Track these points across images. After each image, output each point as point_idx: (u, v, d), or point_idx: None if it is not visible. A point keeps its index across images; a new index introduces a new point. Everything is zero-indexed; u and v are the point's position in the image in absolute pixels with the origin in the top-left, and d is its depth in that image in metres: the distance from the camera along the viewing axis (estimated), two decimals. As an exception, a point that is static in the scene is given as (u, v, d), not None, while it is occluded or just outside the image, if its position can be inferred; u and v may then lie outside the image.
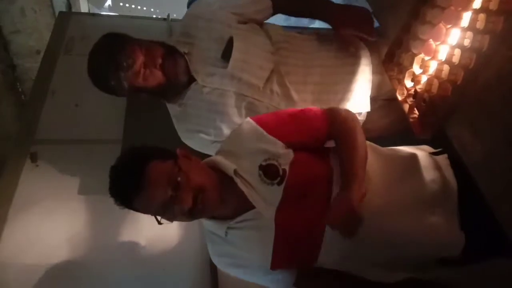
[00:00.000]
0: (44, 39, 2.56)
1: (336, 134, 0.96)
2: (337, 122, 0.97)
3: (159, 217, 0.89)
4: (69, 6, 2.94)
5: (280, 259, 0.93)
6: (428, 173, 0.96)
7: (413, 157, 1.00)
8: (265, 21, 1.29)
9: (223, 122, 1.19)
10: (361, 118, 1.27)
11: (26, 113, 1.92)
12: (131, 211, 0.90)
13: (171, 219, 0.89)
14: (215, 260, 1.03)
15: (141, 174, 0.84)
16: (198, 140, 1.24)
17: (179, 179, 0.85)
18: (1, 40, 2.83)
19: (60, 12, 2.36)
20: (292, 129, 0.97)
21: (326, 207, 0.89)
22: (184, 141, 1.28)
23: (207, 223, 0.98)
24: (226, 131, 1.20)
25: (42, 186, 1.57)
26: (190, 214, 0.88)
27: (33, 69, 2.69)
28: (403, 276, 0.95)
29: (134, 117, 1.76)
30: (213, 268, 1.41)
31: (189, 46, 1.20)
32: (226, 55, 1.15)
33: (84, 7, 3.14)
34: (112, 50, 1.10)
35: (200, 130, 1.22)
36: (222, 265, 1.04)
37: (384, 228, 0.90)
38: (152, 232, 1.45)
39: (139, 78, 1.11)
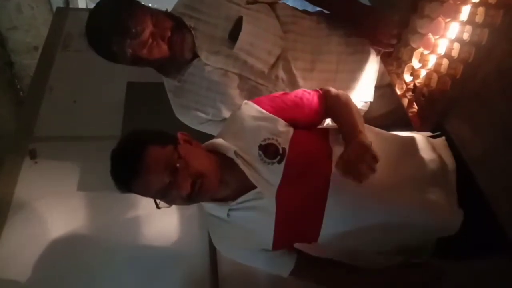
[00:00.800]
0: (41, 36, 2.54)
1: (330, 106, 0.99)
2: (331, 96, 1.00)
3: (158, 201, 0.89)
4: (66, 1, 2.91)
5: (281, 238, 0.94)
6: (427, 154, 0.97)
7: (412, 139, 1.00)
8: None
9: (223, 102, 1.17)
10: (364, 107, 1.26)
11: (24, 110, 1.91)
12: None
13: (169, 203, 0.90)
14: (217, 244, 1.03)
15: (139, 159, 0.84)
16: (193, 117, 1.22)
17: (177, 165, 0.85)
18: (-2, 37, 2.81)
19: (58, 8, 2.34)
20: (291, 106, 0.98)
21: (326, 184, 0.90)
22: (177, 116, 1.25)
23: (208, 206, 0.98)
24: (225, 111, 1.18)
25: (41, 183, 1.57)
26: (188, 199, 0.88)
27: (31, 66, 2.67)
28: (400, 259, 0.97)
29: (133, 113, 1.75)
30: (213, 264, 1.42)
31: (195, 20, 1.14)
32: (233, 35, 1.11)
33: (82, 3, 3.11)
34: (120, 12, 1.02)
35: (197, 108, 1.19)
36: (224, 249, 1.03)
37: (384, 203, 0.90)
38: (152, 228, 1.45)
39: (144, 49, 1.05)
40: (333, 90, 1.01)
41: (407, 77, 1.07)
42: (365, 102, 1.25)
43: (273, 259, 0.98)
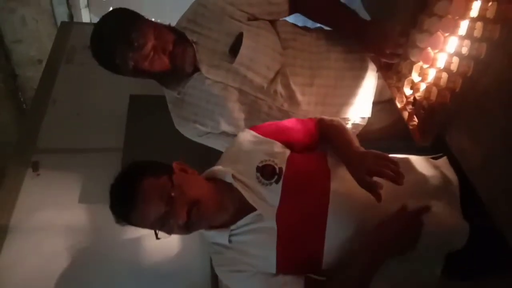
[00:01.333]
0: (45, 49, 2.58)
1: (326, 131, 1.01)
2: (325, 122, 1.03)
3: (158, 231, 0.90)
4: (70, 16, 2.96)
5: (284, 260, 0.92)
6: (428, 170, 0.98)
7: (408, 159, 1.01)
8: None
9: (222, 115, 1.18)
10: (362, 123, 1.27)
11: (27, 122, 1.93)
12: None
13: (168, 232, 0.90)
14: (218, 272, 1.02)
15: (134, 192, 0.86)
16: (192, 129, 1.23)
17: (172, 194, 0.86)
18: (2, 50, 2.85)
19: (62, 22, 2.38)
20: (287, 129, 1.00)
21: (326, 201, 0.89)
22: (177, 127, 1.26)
23: (208, 235, 0.97)
24: (224, 125, 1.19)
25: (43, 194, 1.58)
26: (186, 228, 0.88)
27: (34, 79, 2.71)
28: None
29: (135, 125, 1.76)
30: (214, 275, 1.41)
31: (197, 35, 1.16)
32: (234, 50, 1.13)
33: (85, 17, 3.16)
34: (124, 26, 1.05)
35: (196, 120, 1.21)
36: (225, 276, 1.01)
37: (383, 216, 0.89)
38: (152, 240, 1.44)
39: (146, 61, 1.07)
40: (327, 117, 1.05)
41: (407, 91, 1.08)
42: (363, 117, 1.26)
43: (279, 283, 0.93)
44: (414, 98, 1.05)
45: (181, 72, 1.15)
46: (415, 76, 1.06)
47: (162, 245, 1.45)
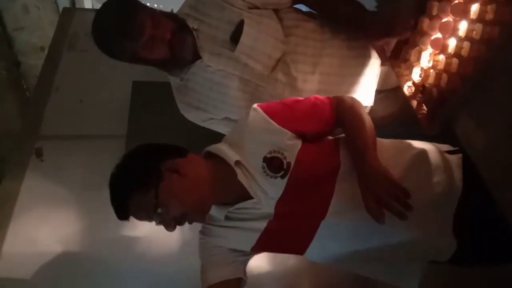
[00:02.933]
0: (47, 36, 2.56)
1: (343, 119, 0.95)
2: (343, 108, 0.96)
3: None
4: (72, 2, 2.93)
5: (264, 244, 0.95)
6: (435, 173, 0.93)
7: (422, 153, 0.96)
8: None
9: (224, 103, 1.18)
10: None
11: (30, 109, 1.92)
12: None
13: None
14: (201, 237, 1.02)
15: (122, 205, 0.89)
16: (195, 114, 1.25)
17: (159, 210, 0.88)
18: (5, 37, 2.83)
19: (64, 8, 2.36)
20: (301, 117, 0.95)
21: (326, 205, 0.88)
22: (181, 112, 1.27)
23: None
24: (226, 112, 1.19)
25: (48, 181, 1.58)
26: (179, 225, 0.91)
27: (37, 66, 2.69)
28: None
29: (139, 112, 1.75)
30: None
31: (198, 22, 1.15)
32: (235, 38, 1.12)
33: (88, 3, 3.13)
34: (122, 14, 1.05)
35: (199, 107, 1.21)
36: (201, 245, 1.02)
37: (379, 231, 0.86)
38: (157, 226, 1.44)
39: (145, 51, 1.08)
40: (347, 100, 0.97)
41: (416, 78, 1.06)
42: (365, 106, 1.24)
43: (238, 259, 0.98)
44: (423, 86, 1.03)
45: (181, 60, 1.15)
46: (424, 63, 1.04)
47: (165, 238, 1.43)
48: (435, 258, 0.94)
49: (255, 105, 0.96)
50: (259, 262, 1.34)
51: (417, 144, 0.99)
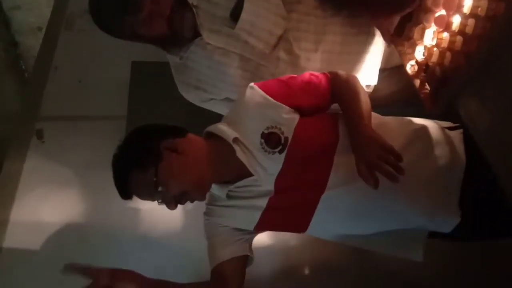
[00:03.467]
0: (44, 16, 2.51)
1: (338, 93, 0.96)
2: (338, 82, 0.97)
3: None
4: (69, -20, 2.87)
5: (266, 222, 0.96)
6: (436, 147, 0.95)
7: (423, 129, 0.97)
8: None
9: (224, 82, 1.16)
10: (368, 90, 1.24)
11: (29, 90, 1.92)
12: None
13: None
14: (206, 218, 1.03)
15: (124, 186, 0.91)
16: (194, 95, 1.23)
17: (159, 189, 0.89)
18: (1, 17, 2.79)
19: (60, -14, 2.31)
20: (297, 92, 0.95)
21: (326, 177, 0.89)
22: (180, 92, 1.25)
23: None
24: (226, 91, 1.18)
25: (49, 162, 1.58)
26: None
27: (35, 47, 2.66)
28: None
29: (138, 92, 1.74)
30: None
31: None
32: (235, 14, 1.10)
33: (84, -18, 3.08)
34: None
35: (198, 87, 1.20)
36: (206, 223, 1.03)
37: (381, 202, 0.90)
38: (160, 209, 1.44)
39: (143, 27, 1.06)
40: (342, 74, 0.98)
41: (419, 57, 1.05)
42: (369, 85, 1.23)
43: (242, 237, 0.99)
44: (426, 65, 1.01)
45: (180, 37, 1.13)
46: (427, 41, 1.02)
47: (167, 217, 1.44)
48: (438, 230, 0.94)
49: (251, 84, 0.97)
50: (261, 240, 1.35)
51: (418, 120, 1.00)
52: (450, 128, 1.00)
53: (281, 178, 0.91)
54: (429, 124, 0.99)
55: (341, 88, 0.96)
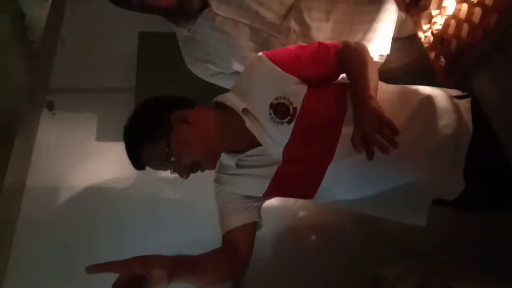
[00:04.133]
0: (50, -15, 2.47)
1: (346, 63, 0.95)
2: (347, 51, 0.96)
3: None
4: None
5: (275, 190, 0.98)
6: (443, 117, 0.94)
7: (429, 98, 0.96)
8: None
9: (233, 54, 1.15)
10: (380, 60, 1.21)
11: (38, 62, 1.91)
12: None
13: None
14: (216, 185, 1.05)
15: (137, 157, 0.93)
16: (203, 69, 1.22)
17: (172, 159, 0.91)
18: (7, -14, 2.74)
19: (65, -46, 2.25)
20: (305, 62, 0.95)
21: (333, 147, 0.90)
22: (188, 67, 1.25)
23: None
24: (235, 64, 1.17)
25: (61, 133, 1.60)
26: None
27: (41, 18, 2.63)
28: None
29: (146, 64, 1.72)
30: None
31: None
32: None
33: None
34: None
35: (207, 60, 1.19)
36: (217, 193, 1.05)
37: (388, 171, 0.91)
38: (171, 177, 1.42)
39: None
40: (351, 44, 0.97)
41: (435, 28, 1.01)
42: (382, 55, 1.20)
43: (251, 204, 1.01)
44: (442, 37, 0.98)
45: (188, 7, 1.10)
46: (444, 12, 0.99)
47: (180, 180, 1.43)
48: (442, 197, 0.95)
49: (260, 53, 0.97)
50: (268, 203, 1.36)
51: (424, 89, 0.99)
52: (458, 97, 0.99)
53: (289, 148, 0.92)
54: (437, 92, 0.98)
55: (349, 58, 0.95)
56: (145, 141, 0.91)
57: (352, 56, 0.94)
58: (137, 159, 0.93)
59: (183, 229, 1.38)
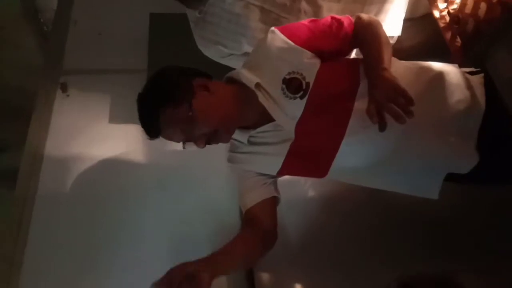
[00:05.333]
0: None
1: (359, 36, 0.95)
2: (360, 25, 0.95)
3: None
4: None
5: (288, 168, 0.99)
6: (456, 92, 0.93)
7: (442, 73, 0.95)
8: None
9: (244, 36, 1.15)
10: (392, 41, 1.20)
11: (51, 44, 1.92)
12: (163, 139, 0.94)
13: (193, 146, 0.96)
14: (230, 165, 1.07)
15: (156, 122, 0.91)
16: (213, 50, 1.22)
17: (191, 126, 0.90)
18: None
19: None
20: (318, 35, 0.95)
21: (346, 121, 0.90)
22: (199, 48, 1.25)
23: None
24: (246, 45, 1.17)
25: (75, 115, 1.61)
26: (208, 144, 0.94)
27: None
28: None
29: (158, 45, 1.73)
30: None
31: None
32: None
33: None
34: None
35: (218, 41, 1.19)
36: (235, 168, 1.06)
37: (400, 144, 0.91)
38: (183, 156, 1.37)
39: None
40: (364, 17, 0.96)
41: (451, 7, 0.99)
42: (392, 36, 1.19)
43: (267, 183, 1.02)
44: (459, 16, 0.96)
45: None
46: (462, -10, 0.96)
47: (191, 157, 1.37)
48: (456, 170, 0.95)
49: (272, 28, 0.96)
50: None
51: (437, 65, 0.98)
52: (471, 73, 0.98)
53: (302, 123, 0.92)
54: (449, 68, 0.97)
55: (362, 31, 0.94)
56: (167, 103, 0.90)
57: (365, 29, 0.94)
58: (154, 125, 0.92)
59: (196, 207, 1.39)
